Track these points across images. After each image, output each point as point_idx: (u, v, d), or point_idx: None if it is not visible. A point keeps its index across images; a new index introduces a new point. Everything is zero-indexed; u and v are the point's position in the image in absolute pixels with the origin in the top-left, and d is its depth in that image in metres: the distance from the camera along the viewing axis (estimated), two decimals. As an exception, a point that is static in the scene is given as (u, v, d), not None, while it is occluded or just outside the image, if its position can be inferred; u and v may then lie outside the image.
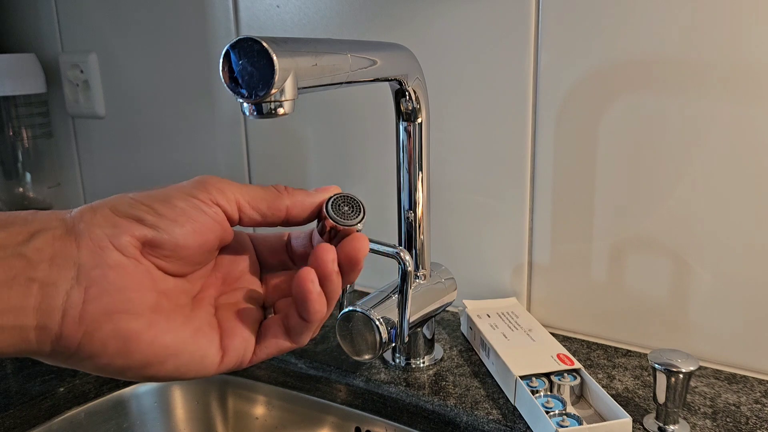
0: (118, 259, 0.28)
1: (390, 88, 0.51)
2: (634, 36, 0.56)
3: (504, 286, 0.68)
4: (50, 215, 0.28)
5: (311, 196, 0.34)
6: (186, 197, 0.30)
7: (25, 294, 0.26)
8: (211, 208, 0.31)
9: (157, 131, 0.92)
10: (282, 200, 0.33)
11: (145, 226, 0.29)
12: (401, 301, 0.51)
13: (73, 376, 0.60)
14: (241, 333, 0.32)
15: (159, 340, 0.29)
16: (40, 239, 0.27)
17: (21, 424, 0.56)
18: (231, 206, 0.32)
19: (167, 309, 0.30)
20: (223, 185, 0.32)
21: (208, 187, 0.31)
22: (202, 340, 0.31)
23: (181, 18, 0.85)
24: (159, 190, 0.31)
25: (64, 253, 0.27)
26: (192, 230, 0.30)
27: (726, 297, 0.56)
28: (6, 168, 0.99)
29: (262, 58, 0.32)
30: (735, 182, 0.54)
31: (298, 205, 0.33)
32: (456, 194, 0.69)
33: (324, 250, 0.32)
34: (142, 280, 0.29)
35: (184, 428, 0.66)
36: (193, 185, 0.31)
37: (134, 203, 0.29)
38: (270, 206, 0.33)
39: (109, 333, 0.27)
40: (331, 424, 0.60)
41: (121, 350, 0.28)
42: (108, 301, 0.27)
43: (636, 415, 0.50)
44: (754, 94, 0.52)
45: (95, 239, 0.28)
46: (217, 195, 0.31)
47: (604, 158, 0.60)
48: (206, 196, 0.31)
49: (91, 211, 0.29)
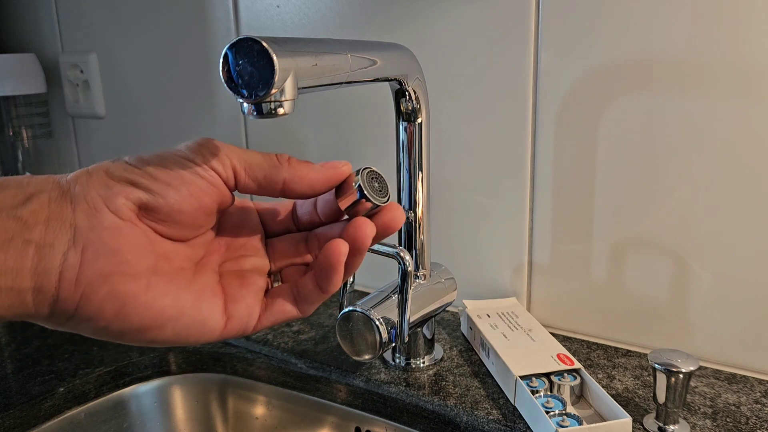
0: (113, 221, 0.28)
1: (390, 88, 0.51)
2: (634, 36, 0.56)
3: (504, 286, 0.68)
4: (45, 178, 0.28)
5: (316, 171, 0.33)
6: (181, 160, 0.30)
7: (22, 256, 0.26)
8: (207, 172, 0.30)
9: (157, 131, 0.92)
10: (279, 172, 0.32)
11: (139, 189, 0.28)
12: (401, 301, 0.51)
13: (73, 376, 0.60)
14: (246, 299, 0.32)
15: (157, 302, 0.29)
16: (35, 202, 0.27)
17: (21, 424, 0.56)
18: (227, 171, 0.31)
19: (167, 272, 0.30)
20: (220, 150, 0.31)
21: (204, 150, 0.31)
22: (204, 304, 0.31)
23: (181, 18, 0.85)
24: (155, 153, 0.30)
25: (60, 215, 0.27)
26: (187, 194, 0.30)
27: (726, 297, 0.56)
28: (6, 168, 0.99)
29: (262, 58, 0.32)
30: (735, 182, 0.54)
31: (297, 180, 0.32)
32: (456, 194, 0.69)
33: (365, 225, 0.32)
34: (139, 242, 0.28)
35: (184, 428, 0.66)
36: (190, 148, 0.31)
37: (128, 167, 0.29)
38: (266, 176, 0.32)
39: (106, 295, 0.27)
40: (331, 424, 0.60)
41: (119, 312, 0.28)
42: (104, 263, 0.27)
43: (636, 415, 0.50)
44: (755, 94, 0.52)
45: (90, 201, 0.28)
46: (213, 159, 0.30)
47: (604, 158, 0.60)
48: (201, 160, 0.30)
49: (86, 174, 0.29)
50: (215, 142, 0.31)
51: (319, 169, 0.33)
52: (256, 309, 0.33)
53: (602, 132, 0.59)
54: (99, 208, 0.27)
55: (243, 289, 0.33)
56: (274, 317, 0.33)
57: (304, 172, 0.32)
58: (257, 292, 0.33)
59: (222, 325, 0.31)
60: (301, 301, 0.33)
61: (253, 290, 0.33)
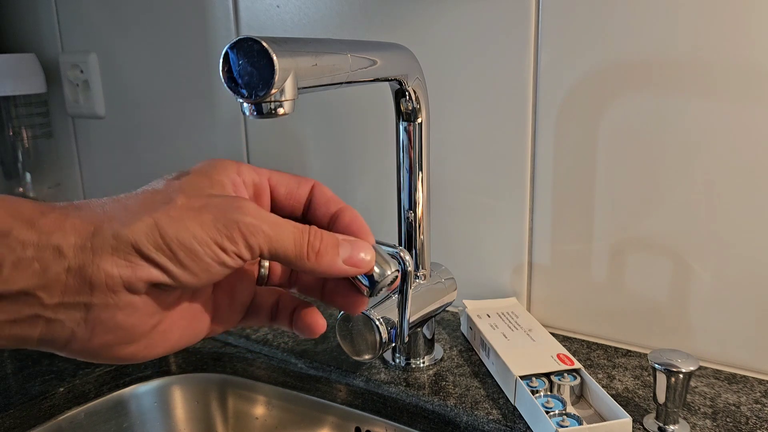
0: (128, 300, 0.27)
1: (390, 88, 0.51)
2: (635, 36, 0.56)
3: (504, 286, 0.68)
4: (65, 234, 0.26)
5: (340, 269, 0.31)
6: (211, 245, 0.27)
7: (31, 328, 0.26)
8: (235, 262, 0.28)
9: (157, 131, 0.92)
10: (304, 265, 0.30)
11: (162, 272, 0.27)
12: (401, 301, 0.51)
13: (73, 376, 0.60)
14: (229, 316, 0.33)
15: (154, 351, 0.30)
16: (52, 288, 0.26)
17: (21, 424, 0.56)
18: (254, 266, 0.32)
19: (169, 320, 0.30)
20: (252, 231, 0.28)
21: (236, 232, 0.27)
22: (191, 335, 0.32)
23: (181, 18, 0.85)
24: (184, 210, 0.27)
25: (76, 296, 0.26)
26: (207, 280, 0.28)
27: (726, 297, 0.56)
28: (6, 168, 0.99)
29: (262, 58, 0.32)
30: (735, 182, 0.54)
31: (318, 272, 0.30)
32: (456, 194, 0.69)
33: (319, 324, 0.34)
34: (147, 310, 0.28)
35: (184, 428, 0.66)
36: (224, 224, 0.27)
37: (158, 244, 0.26)
38: (290, 264, 0.30)
39: (107, 357, 0.28)
40: (331, 424, 0.60)
41: (117, 361, 0.29)
42: (111, 338, 0.27)
43: (636, 415, 0.50)
44: (755, 94, 0.52)
45: (110, 283, 0.26)
46: (243, 247, 0.28)
47: (604, 158, 0.60)
48: (233, 249, 0.28)
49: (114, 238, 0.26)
50: (251, 215, 0.28)
51: (343, 268, 0.31)
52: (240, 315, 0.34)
53: (602, 132, 0.59)
54: (117, 290, 0.26)
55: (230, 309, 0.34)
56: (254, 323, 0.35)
57: (325, 267, 0.30)
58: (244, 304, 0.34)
59: (206, 332, 0.33)
60: (273, 321, 0.35)
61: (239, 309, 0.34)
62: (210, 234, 0.27)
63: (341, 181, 0.77)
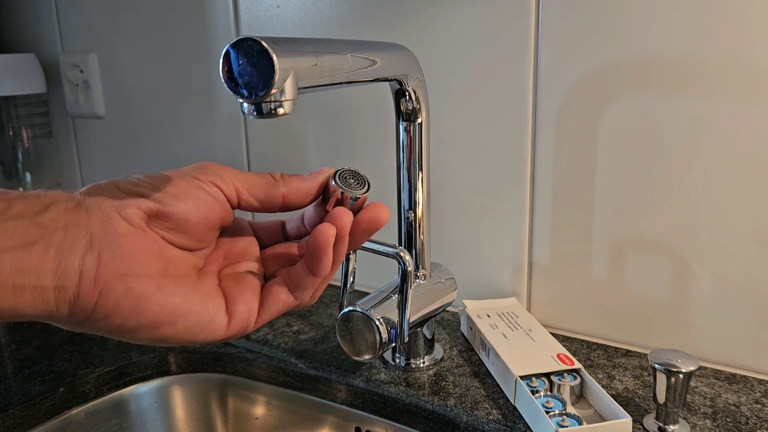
0: (126, 228, 0.30)
1: (390, 88, 0.51)
2: (635, 36, 0.56)
3: (504, 286, 0.68)
4: (60, 192, 0.31)
5: (307, 181, 0.36)
6: (187, 177, 0.33)
7: (44, 257, 0.28)
8: (212, 188, 0.33)
9: (157, 131, 0.92)
10: (278, 188, 0.35)
11: (149, 200, 0.31)
12: (401, 301, 0.51)
13: (73, 376, 0.60)
14: (244, 298, 0.35)
15: (169, 300, 0.31)
16: (53, 210, 0.29)
17: (21, 424, 0.56)
18: (230, 190, 0.34)
19: (175, 275, 0.32)
20: (222, 171, 0.34)
21: (207, 171, 0.34)
22: (209, 304, 0.33)
23: (181, 18, 0.85)
24: (162, 172, 0.33)
25: (77, 222, 0.29)
26: (194, 206, 0.32)
27: (726, 297, 0.56)
28: (6, 168, 0.99)
29: (262, 58, 0.32)
30: (735, 182, 0.54)
31: (293, 192, 0.35)
32: (456, 194, 0.69)
33: (342, 212, 0.34)
34: (150, 247, 0.31)
35: (184, 428, 0.66)
36: (194, 169, 0.34)
37: (138, 182, 0.32)
38: (267, 194, 0.35)
39: (122, 293, 0.30)
40: (331, 424, 0.60)
41: (134, 309, 0.30)
42: (119, 264, 0.30)
43: (636, 415, 0.50)
44: (755, 94, 0.52)
45: (104, 211, 0.30)
46: (216, 179, 0.33)
47: (604, 158, 0.60)
48: (206, 178, 0.33)
49: (98, 188, 0.31)
50: (215, 164, 0.34)
51: (308, 178, 0.36)
52: (255, 305, 0.35)
53: (602, 132, 0.59)
54: (112, 216, 0.30)
55: (240, 288, 0.35)
56: (273, 309, 0.35)
57: (297, 183, 0.35)
58: (254, 289, 0.35)
59: (226, 324, 0.34)
60: (295, 288, 0.35)
61: (249, 288, 0.35)
62: (184, 173, 0.33)
63: (341, 181, 0.76)
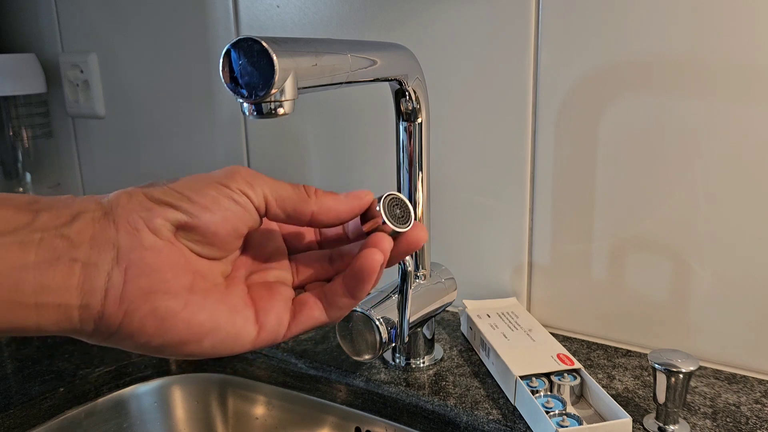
0: (153, 241, 0.29)
1: (390, 88, 0.51)
2: (635, 36, 0.56)
3: (504, 286, 0.68)
4: (88, 199, 0.30)
5: (342, 203, 0.34)
6: (217, 186, 0.31)
7: (69, 273, 0.27)
8: (241, 197, 0.32)
9: (157, 131, 0.92)
10: (308, 205, 0.33)
11: (177, 210, 0.30)
12: (401, 301, 0.51)
13: (73, 376, 0.60)
14: (275, 309, 0.33)
15: (195, 318, 0.30)
16: (80, 221, 0.28)
17: (21, 424, 0.56)
18: (259, 200, 0.32)
19: (202, 289, 0.31)
20: (253, 178, 0.32)
21: (238, 177, 0.32)
22: (237, 317, 0.32)
23: (181, 18, 0.85)
24: (189, 178, 0.32)
25: (104, 235, 0.28)
26: (223, 217, 0.31)
27: (726, 297, 0.56)
28: (6, 168, 0.99)
29: (262, 58, 0.32)
30: (735, 182, 0.54)
31: (324, 212, 0.33)
32: (456, 194, 0.69)
33: (385, 240, 0.34)
34: (177, 261, 0.30)
35: (184, 428, 0.66)
36: (224, 174, 0.32)
37: (167, 190, 0.31)
38: (295, 209, 0.33)
39: (148, 312, 0.29)
40: (331, 424, 0.60)
41: (159, 329, 0.29)
42: (146, 282, 0.29)
43: (636, 415, 0.50)
44: (755, 94, 0.52)
45: (132, 222, 0.29)
46: (246, 187, 0.32)
47: (604, 158, 0.60)
48: (236, 186, 0.32)
49: (127, 195, 0.30)
50: (248, 170, 0.33)
51: (343, 200, 0.34)
52: (286, 318, 0.34)
53: (602, 132, 0.59)
54: (140, 228, 0.29)
55: (272, 300, 0.34)
56: (303, 324, 0.34)
57: (330, 204, 0.34)
58: (286, 301, 0.34)
59: (254, 335, 0.33)
60: (330, 307, 0.34)
61: (281, 299, 0.34)
62: (214, 180, 0.31)
63: (341, 181, 0.77)
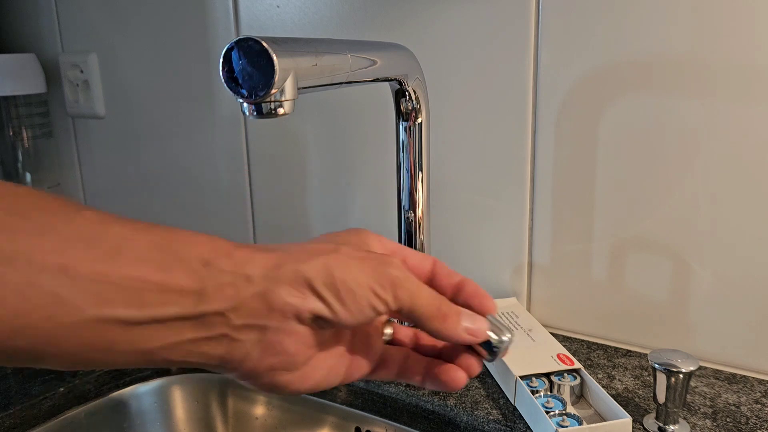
0: (295, 329, 0.31)
1: (390, 88, 0.51)
2: (635, 36, 0.56)
3: (504, 286, 0.68)
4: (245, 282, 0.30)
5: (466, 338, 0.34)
6: (368, 291, 0.31)
7: (216, 347, 0.30)
8: (382, 306, 0.32)
9: (157, 131, 0.92)
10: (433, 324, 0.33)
11: (327, 307, 0.31)
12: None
13: (73, 376, 0.60)
14: (363, 369, 0.36)
15: (304, 386, 0.33)
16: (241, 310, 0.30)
17: (21, 424, 0.56)
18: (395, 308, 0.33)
19: (317, 358, 0.33)
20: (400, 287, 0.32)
21: (387, 283, 0.32)
22: (332, 377, 0.34)
23: (181, 18, 0.85)
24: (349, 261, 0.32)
25: (256, 316, 0.30)
26: (358, 321, 0.32)
27: (726, 297, 0.56)
28: (6, 168, 0.99)
29: (262, 58, 0.32)
30: (735, 182, 0.54)
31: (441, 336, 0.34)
32: (456, 194, 0.69)
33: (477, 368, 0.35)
34: (306, 341, 0.32)
35: (184, 428, 0.66)
36: (379, 276, 0.32)
37: (328, 281, 0.31)
38: (423, 325, 0.33)
39: (267, 381, 0.32)
40: (331, 424, 0.60)
41: (270, 390, 0.33)
42: (275, 360, 0.31)
43: (636, 415, 0.50)
44: (755, 94, 0.52)
45: (285, 310, 0.30)
46: (391, 299, 0.32)
47: (604, 158, 0.60)
48: (384, 295, 0.32)
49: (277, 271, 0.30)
50: (400, 269, 0.33)
51: (469, 337, 0.34)
52: (366, 372, 0.36)
53: (602, 132, 0.59)
54: (289, 317, 0.30)
55: (365, 358, 0.36)
56: (372, 377, 0.37)
57: (452, 333, 0.34)
58: (373, 360, 0.36)
59: (343, 376, 0.35)
60: (401, 376, 0.37)
61: (372, 359, 0.36)
62: (368, 280, 0.32)
63: (341, 181, 0.77)
